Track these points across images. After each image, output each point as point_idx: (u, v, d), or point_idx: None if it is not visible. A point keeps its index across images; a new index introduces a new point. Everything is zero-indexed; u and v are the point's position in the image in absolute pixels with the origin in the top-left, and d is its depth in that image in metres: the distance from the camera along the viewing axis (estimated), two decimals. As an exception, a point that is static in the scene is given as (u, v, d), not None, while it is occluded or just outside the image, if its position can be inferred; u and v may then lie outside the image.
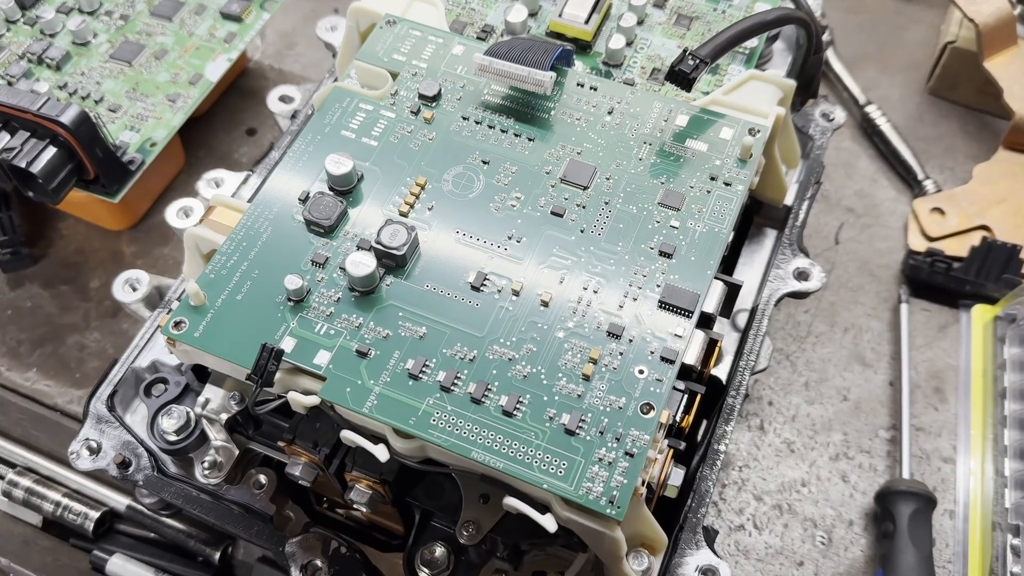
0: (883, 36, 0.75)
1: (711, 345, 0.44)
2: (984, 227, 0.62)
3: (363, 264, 0.39)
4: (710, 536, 0.42)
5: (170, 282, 0.51)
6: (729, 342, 0.50)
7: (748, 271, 0.52)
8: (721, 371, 0.48)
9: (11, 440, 0.57)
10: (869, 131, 0.68)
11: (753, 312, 0.49)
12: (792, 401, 0.58)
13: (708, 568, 0.41)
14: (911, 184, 0.66)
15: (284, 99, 0.60)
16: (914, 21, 0.76)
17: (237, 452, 0.44)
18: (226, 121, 0.71)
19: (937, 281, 0.60)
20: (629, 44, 0.51)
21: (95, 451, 0.45)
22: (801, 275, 0.49)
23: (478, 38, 0.52)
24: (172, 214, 0.52)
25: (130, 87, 0.61)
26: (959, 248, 0.62)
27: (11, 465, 0.57)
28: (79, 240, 0.65)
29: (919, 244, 0.62)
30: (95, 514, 0.54)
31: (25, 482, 0.55)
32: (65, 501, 0.54)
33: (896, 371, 0.59)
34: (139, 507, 0.54)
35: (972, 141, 0.68)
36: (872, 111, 0.68)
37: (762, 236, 0.54)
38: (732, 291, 0.45)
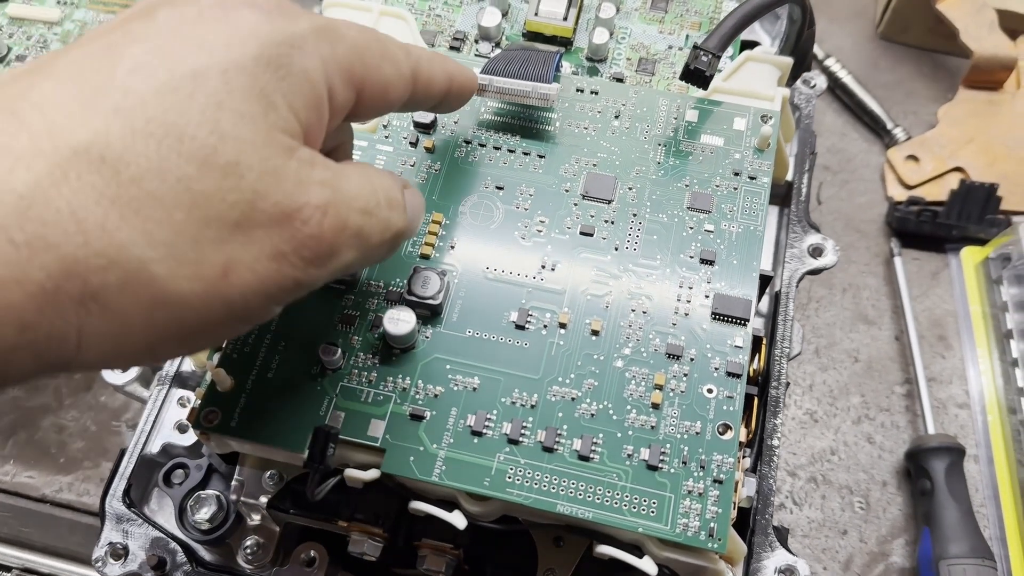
0: (824, -16, 0.75)
1: (755, 342, 0.43)
2: (959, 169, 0.63)
3: (403, 321, 0.36)
4: (782, 535, 0.42)
5: (162, 353, 0.47)
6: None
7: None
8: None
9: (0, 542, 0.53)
10: (831, 85, 0.68)
11: (777, 297, 0.48)
12: (806, 370, 0.58)
13: (787, 568, 0.40)
14: (880, 134, 0.66)
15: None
16: (851, -35, 0.76)
17: (279, 530, 0.41)
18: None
19: (925, 229, 0.61)
20: (611, 35, 0.49)
21: (122, 555, 0.41)
22: (816, 251, 0.49)
23: (451, 47, 0.49)
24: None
25: (65, 139, 0.56)
26: (938, 193, 0.62)
27: (6, 569, 0.52)
28: (31, 311, 0.60)
29: (899, 193, 0.63)
30: (112, 607, 0.50)
31: (28, 586, 0.51)
32: (76, 599, 0.51)
33: (899, 325, 0.59)
34: (158, 591, 0.51)
35: (930, 82, 0.69)
36: (832, 64, 0.67)
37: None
38: (763, 282, 0.45)
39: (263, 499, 0.39)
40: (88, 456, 0.55)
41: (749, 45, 0.50)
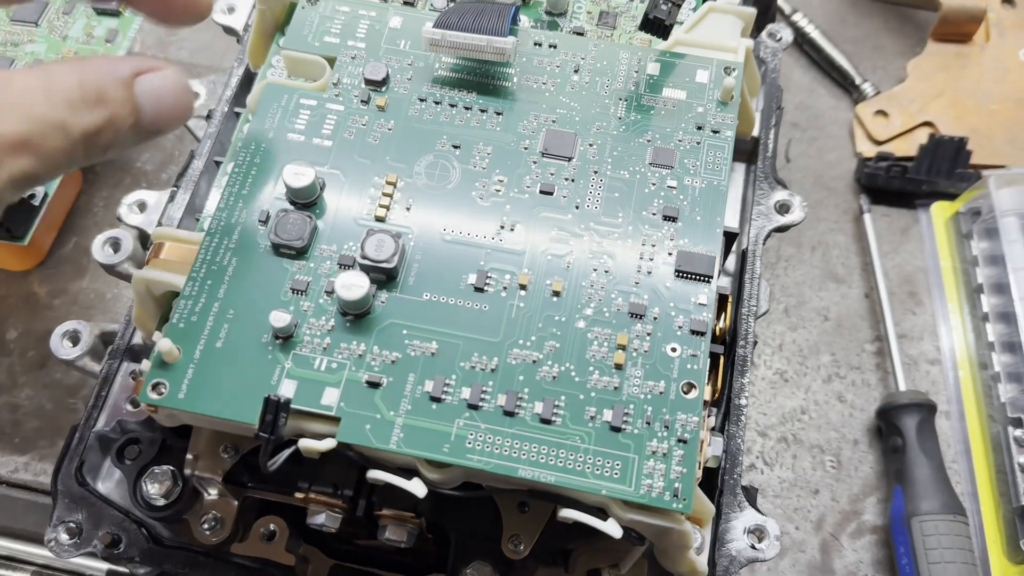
0: (791, -62, 0.73)
1: (721, 300, 0.42)
2: (928, 123, 0.62)
3: (356, 286, 0.35)
4: (751, 495, 0.41)
5: (113, 327, 0.45)
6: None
7: (726, 211, 0.50)
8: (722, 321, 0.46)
9: (-44, 525, 0.52)
10: (800, 41, 0.67)
11: (743, 254, 0.47)
12: (776, 330, 0.57)
13: (756, 528, 0.40)
14: (849, 89, 0.65)
15: (189, 97, 0.54)
16: (818, -81, 0.74)
17: (236, 504, 0.40)
18: (119, 127, 0.64)
19: (894, 185, 0.60)
20: (570, -11, 0.48)
21: (76, 533, 0.40)
22: (783, 208, 0.48)
23: (405, 2, 0.47)
24: (98, 249, 0.46)
25: (8, 109, 0.53)
26: (907, 148, 0.62)
27: (-37, 552, 0.51)
28: (-19, 288, 0.58)
29: (868, 149, 0.62)
30: (73, 588, 0.49)
31: (-15, 569, 0.50)
32: (36, 581, 0.49)
33: (869, 283, 0.59)
34: (120, 570, 0.50)
35: (897, 37, 0.68)
36: (800, 19, 0.66)
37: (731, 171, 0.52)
38: (728, 239, 0.44)
39: (219, 473, 0.38)
40: (43, 435, 0.53)
41: (713, -3, 0.49)
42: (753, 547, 0.39)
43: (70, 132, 0.28)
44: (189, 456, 0.38)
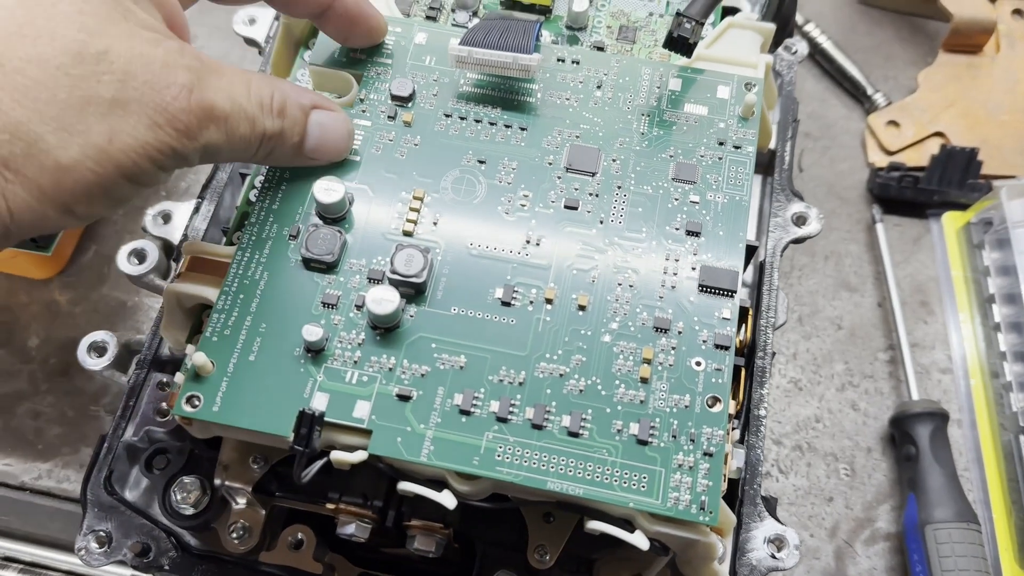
0: (802, -52, 0.74)
1: (741, 313, 0.43)
2: (939, 133, 0.63)
3: (387, 301, 0.35)
4: (771, 505, 0.42)
5: (139, 337, 0.46)
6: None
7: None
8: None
9: (-20, 531, 0.52)
10: (811, 51, 0.67)
11: (761, 266, 0.48)
12: (790, 339, 0.58)
13: (776, 537, 0.41)
14: (860, 99, 0.66)
15: (210, 107, 0.54)
16: (829, -71, 0.75)
17: (264, 513, 0.41)
18: (138, 135, 0.64)
19: (906, 195, 0.61)
20: (590, 2, 0.48)
21: (106, 542, 0.40)
22: (800, 220, 0.49)
23: (427, 17, 0.48)
24: (123, 260, 0.46)
25: (31, 119, 0.54)
26: (919, 158, 0.62)
27: (-12, 558, 0.51)
28: (2, 296, 0.58)
29: (880, 159, 0.63)
30: (97, 594, 0.50)
31: (10, 575, 0.50)
32: (61, 587, 0.50)
33: (881, 292, 0.59)
34: (144, 576, 0.50)
35: (909, 47, 0.68)
36: (812, 30, 0.67)
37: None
38: (747, 252, 0.44)
39: (248, 483, 0.39)
40: (67, 442, 0.54)
41: (730, 12, 0.50)
42: (773, 556, 0.40)
43: (255, 127, 0.34)
44: (218, 466, 0.39)
